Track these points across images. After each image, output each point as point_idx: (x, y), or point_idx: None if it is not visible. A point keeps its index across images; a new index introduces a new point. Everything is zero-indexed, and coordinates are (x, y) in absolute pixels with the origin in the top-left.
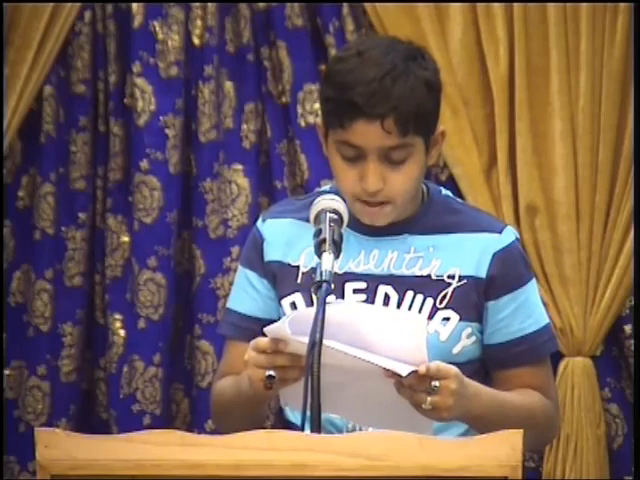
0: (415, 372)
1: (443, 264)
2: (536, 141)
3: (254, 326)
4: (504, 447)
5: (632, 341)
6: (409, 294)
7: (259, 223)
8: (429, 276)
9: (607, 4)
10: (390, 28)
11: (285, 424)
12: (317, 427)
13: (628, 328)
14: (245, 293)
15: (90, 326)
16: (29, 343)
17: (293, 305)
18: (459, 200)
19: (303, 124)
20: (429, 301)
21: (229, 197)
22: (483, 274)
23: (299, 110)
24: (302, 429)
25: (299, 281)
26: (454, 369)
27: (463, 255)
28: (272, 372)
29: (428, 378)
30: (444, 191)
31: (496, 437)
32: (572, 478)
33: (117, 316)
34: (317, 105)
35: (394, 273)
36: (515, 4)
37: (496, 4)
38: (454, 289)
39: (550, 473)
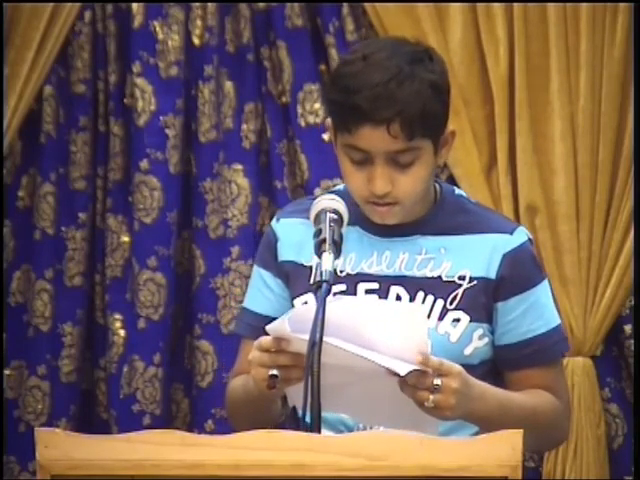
0: (415, 371)
1: (454, 265)
2: (536, 141)
3: None
4: (504, 447)
5: (632, 341)
6: (420, 295)
7: (273, 223)
8: (440, 277)
9: (607, 4)
10: (390, 28)
11: (298, 422)
12: (317, 427)
13: (628, 328)
14: (260, 293)
15: (90, 326)
16: (29, 343)
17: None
18: (472, 200)
19: (303, 124)
20: (439, 302)
21: (229, 197)
22: (493, 275)
23: (299, 110)
24: (305, 427)
25: (311, 281)
26: (457, 367)
27: (474, 256)
28: (275, 371)
29: (430, 376)
30: (457, 191)
31: (496, 437)
32: (572, 478)
33: (117, 316)
34: (317, 105)
35: (405, 274)
36: (515, 4)
37: (496, 4)
38: (464, 290)
39: (550, 473)
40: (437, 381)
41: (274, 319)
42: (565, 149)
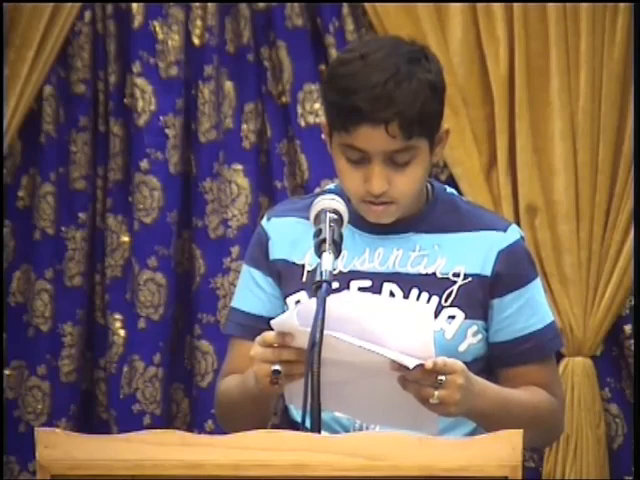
0: (422, 365)
1: (448, 262)
2: (536, 141)
3: (259, 325)
4: (504, 447)
5: (632, 341)
6: (414, 292)
7: (264, 222)
8: (434, 274)
9: (607, 4)
10: (390, 28)
11: (290, 424)
12: (317, 427)
13: (628, 328)
14: (250, 292)
15: (90, 326)
16: (29, 343)
17: (298, 303)
18: (464, 198)
19: (303, 124)
20: (434, 299)
21: (229, 197)
22: (489, 272)
23: (299, 110)
24: (304, 428)
25: (304, 279)
26: (460, 364)
27: (468, 253)
28: (278, 367)
29: (434, 373)
30: (449, 189)
31: (496, 437)
32: (572, 478)
33: (117, 316)
34: (317, 105)
35: (399, 271)
36: (515, 4)
37: (496, 4)
38: (459, 287)
39: (550, 473)
40: (441, 377)
41: (265, 318)
42: (565, 149)
